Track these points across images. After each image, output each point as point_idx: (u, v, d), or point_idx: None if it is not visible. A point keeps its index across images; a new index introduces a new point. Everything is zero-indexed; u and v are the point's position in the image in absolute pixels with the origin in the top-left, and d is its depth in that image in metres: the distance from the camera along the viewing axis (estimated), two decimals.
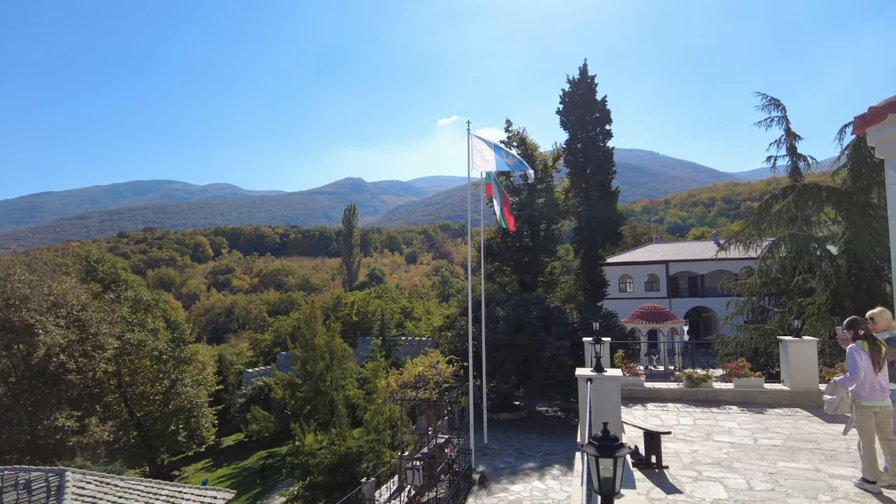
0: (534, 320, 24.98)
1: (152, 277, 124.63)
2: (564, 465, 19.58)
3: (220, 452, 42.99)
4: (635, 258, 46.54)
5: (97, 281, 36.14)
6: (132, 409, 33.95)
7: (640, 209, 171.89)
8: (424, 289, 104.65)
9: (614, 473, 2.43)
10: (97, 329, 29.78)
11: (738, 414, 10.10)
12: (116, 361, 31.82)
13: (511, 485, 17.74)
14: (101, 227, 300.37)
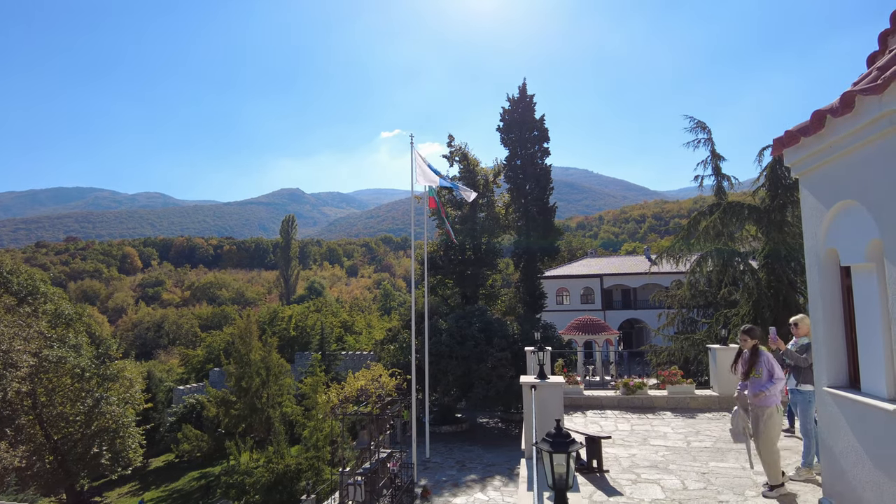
0: (476, 332, 25.26)
1: (75, 290, 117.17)
2: (505, 475, 19.81)
3: (149, 474, 40.65)
4: (572, 272, 48.00)
5: (11, 294, 33.61)
6: (48, 431, 31.57)
7: (576, 225, 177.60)
8: (366, 302, 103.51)
9: (567, 468, 2.54)
10: (9, 346, 27.60)
11: (672, 419, 10.59)
12: (31, 380, 29.56)
13: (453, 497, 17.75)
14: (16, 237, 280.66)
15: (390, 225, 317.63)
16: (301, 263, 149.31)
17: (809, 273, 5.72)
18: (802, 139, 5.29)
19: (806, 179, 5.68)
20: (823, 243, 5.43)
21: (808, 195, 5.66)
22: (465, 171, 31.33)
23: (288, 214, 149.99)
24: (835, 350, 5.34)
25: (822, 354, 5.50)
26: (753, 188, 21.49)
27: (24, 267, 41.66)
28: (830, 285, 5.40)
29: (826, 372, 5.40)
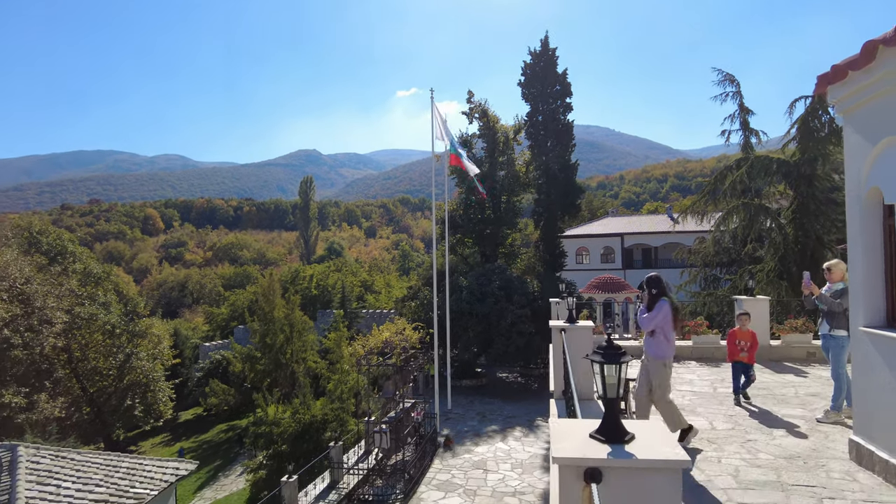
0: (495, 290, 25.38)
1: (100, 251, 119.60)
2: (525, 427, 20.22)
3: (179, 426, 42.28)
4: (592, 231, 47.65)
5: (42, 253, 34.53)
6: (84, 384, 32.88)
7: (596, 184, 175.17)
8: (384, 263, 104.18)
9: (618, 379, 2.60)
10: (43, 303, 28.55)
11: (698, 368, 10.67)
12: (66, 336, 30.66)
13: (475, 446, 18.22)
14: (41, 200, 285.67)
15: (407, 186, 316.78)
16: (320, 224, 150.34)
17: (850, 212, 5.61)
18: (850, 73, 5.11)
19: (851, 117, 5.51)
20: (866, 182, 5.31)
21: (851, 133, 5.51)
22: (484, 128, 30.88)
23: (306, 176, 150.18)
24: (873, 290, 5.29)
25: (859, 295, 5.45)
26: (781, 144, 20.95)
27: (53, 228, 42.66)
28: (872, 224, 5.31)
29: (863, 312, 5.36)
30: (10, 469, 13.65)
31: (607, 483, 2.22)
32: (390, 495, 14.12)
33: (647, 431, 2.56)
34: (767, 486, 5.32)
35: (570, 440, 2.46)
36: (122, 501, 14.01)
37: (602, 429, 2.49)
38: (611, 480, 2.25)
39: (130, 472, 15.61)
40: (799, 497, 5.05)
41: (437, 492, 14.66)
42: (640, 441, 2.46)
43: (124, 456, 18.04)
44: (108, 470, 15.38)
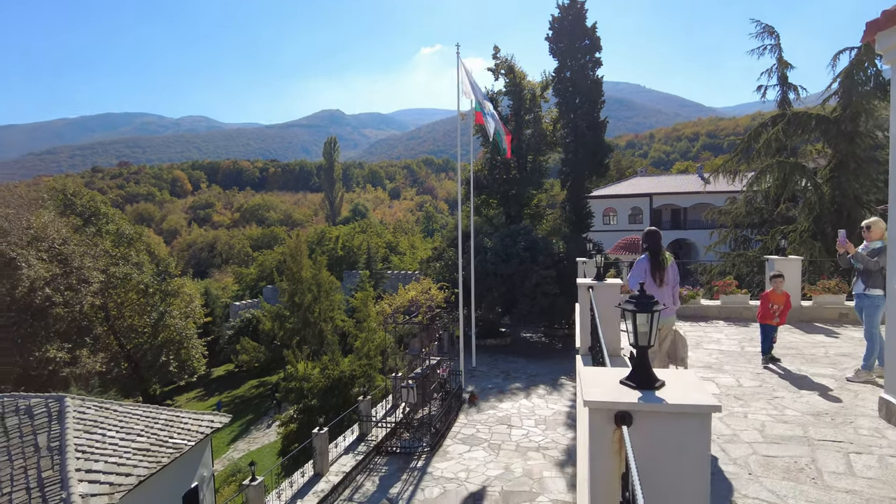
0: (520, 251, 25.35)
1: (131, 212, 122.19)
2: (549, 385, 20.46)
3: (212, 382, 43.91)
4: (620, 191, 46.89)
5: (76, 215, 35.46)
6: (121, 341, 34.19)
7: (625, 143, 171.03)
8: (409, 224, 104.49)
9: (650, 328, 2.62)
10: (80, 263, 29.51)
11: (725, 327, 10.62)
12: (103, 295, 31.73)
13: (499, 402, 18.55)
14: (73, 162, 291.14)
15: (431, 146, 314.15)
16: (344, 186, 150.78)
17: (894, 170, 5.41)
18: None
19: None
20: None
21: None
22: (510, 85, 30.25)
23: (330, 136, 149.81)
24: None
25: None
26: (821, 99, 20.07)
27: (86, 190, 43.63)
28: None
29: None
30: (60, 418, 14.42)
31: (637, 426, 2.27)
32: (417, 448, 14.56)
33: (676, 379, 2.59)
34: (793, 440, 5.35)
35: (601, 386, 2.50)
36: (162, 451, 14.74)
37: (633, 376, 2.53)
38: (641, 424, 2.29)
39: (169, 424, 16.35)
40: (825, 451, 5.07)
41: (462, 445, 15.06)
42: (669, 388, 2.50)
43: (162, 408, 18.88)
44: (148, 421, 16.13)
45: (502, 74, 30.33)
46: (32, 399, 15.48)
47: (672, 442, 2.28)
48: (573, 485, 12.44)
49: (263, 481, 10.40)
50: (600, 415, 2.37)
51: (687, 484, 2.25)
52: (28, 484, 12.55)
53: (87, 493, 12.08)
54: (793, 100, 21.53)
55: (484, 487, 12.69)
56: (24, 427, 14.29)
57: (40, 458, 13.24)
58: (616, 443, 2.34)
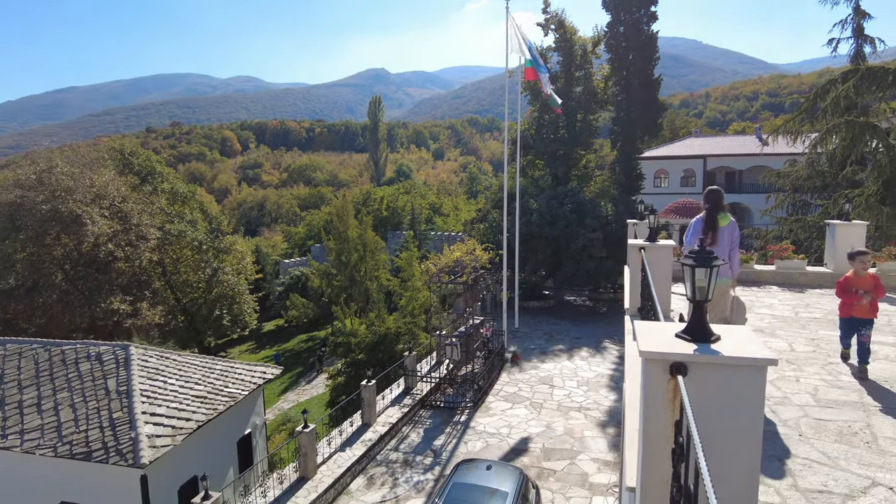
0: (567, 213, 25.00)
1: (183, 172, 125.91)
2: (592, 348, 20.47)
3: (263, 336, 45.79)
4: (672, 152, 45.28)
5: (134, 174, 36.89)
6: (178, 295, 35.87)
7: (679, 102, 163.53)
8: (452, 185, 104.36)
9: (708, 283, 2.62)
10: (139, 220, 30.84)
11: (779, 293, 10.32)
12: (160, 251, 33.16)
13: (541, 363, 18.72)
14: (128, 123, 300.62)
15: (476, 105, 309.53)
16: (388, 146, 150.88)
17: None
18: None
19: None
20: None
21: None
22: (560, 40, 29.26)
23: (374, 96, 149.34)
24: None
25: None
26: None
27: (142, 150, 45.24)
28: None
29: None
30: (126, 365, 15.42)
31: (693, 378, 2.29)
32: (460, 403, 14.94)
33: (732, 334, 2.59)
34: (848, 405, 5.24)
35: (657, 338, 2.53)
36: (218, 398, 15.61)
37: (689, 329, 2.54)
38: (696, 375, 2.32)
39: (224, 374, 17.26)
40: (881, 418, 4.96)
41: (504, 402, 15.36)
42: (725, 342, 2.50)
43: (217, 359, 19.89)
44: (205, 371, 17.06)
45: (552, 30, 29.34)
46: (101, 346, 16.59)
47: (727, 393, 2.30)
48: (615, 445, 12.57)
49: (315, 429, 10.92)
50: (655, 365, 2.40)
51: (740, 435, 2.28)
52: (101, 423, 13.58)
53: (153, 434, 12.99)
54: (868, 54, 20.15)
55: (525, 443, 12.97)
56: (95, 372, 15.37)
57: (111, 400, 14.26)
58: (670, 392, 2.38)
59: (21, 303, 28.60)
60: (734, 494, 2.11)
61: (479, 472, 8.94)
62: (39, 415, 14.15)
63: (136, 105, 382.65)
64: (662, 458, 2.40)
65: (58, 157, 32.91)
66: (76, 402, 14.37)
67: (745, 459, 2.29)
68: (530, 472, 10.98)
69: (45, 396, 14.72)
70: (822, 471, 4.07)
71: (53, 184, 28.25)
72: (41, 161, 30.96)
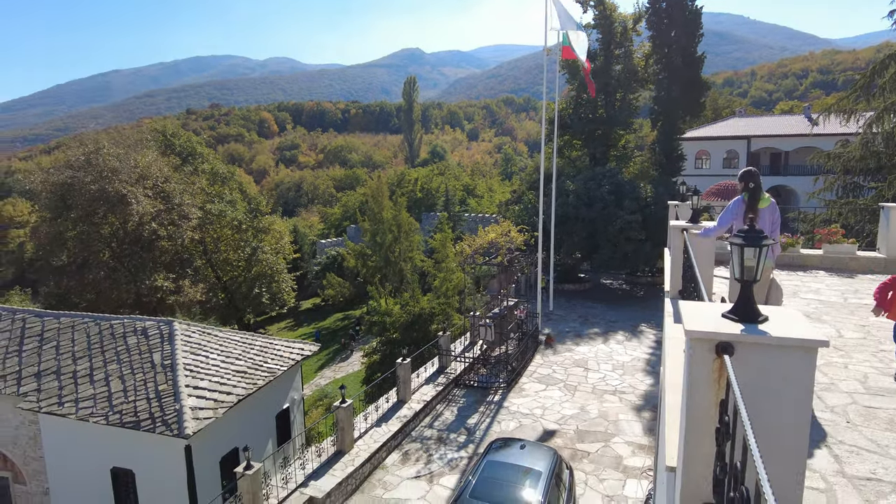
0: (605, 194, 24.59)
1: (222, 152, 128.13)
2: (628, 331, 20.24)
3: (300, 314, 46.81)
4: (715, 133, 43.88)
5: (175, 154, 37.81)
6: (218, 273, 36.88)
7: (723, 81, 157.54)
8: (486, 166, 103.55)
9: (757, 263, 2.55)
10: (181, 200, 31.69)
11: (827, 278, 9.96)
12: (201, 230, 34.07)
13: (576, 346, 18.63)
14: (169, 105, 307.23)
15: (512, 85, 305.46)
16: (423, 127, 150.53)
17: None
18: None
19: None
20: None
21: None
22: (600, 17, 28.49)
23: (409, 76, 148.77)
24: None
25: None
26: None
27: (183, 131, 46.27)
28: None
29: None
30: (170, 339, 16.01)
31: (740, 358, 2.25)
32: (494, 383, 15.03)
33: (780, 315, 2.53)
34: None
35: (702, 318, 2.49)
36: (258, 373, 16.08)
37: (736, 309, 2.49)
38: (743, 356, 2.27)
39: (263, 350, 17.74)
40: None
41: (538, 384, 15.39)
42: (773, 322, 2.44)
43: (257, 336, 20.45)
44: (245, 346, 17.58)
45: (591, 6, 28.57)
46: (147, 322, 17.25)
47: (774, 375, 2.25)
48: (650, 429, 12.47)
49: (352, 404, 11.17)
50: (701, 345, 2.36)
51: (788, 417, 2.23)
52: (148, 395, 14.17)
53: (196, 406, 13.49)
54: None
55: (559, 425, 12.99)
56: (141, 346, 16.02)
57: (156, 373, 14.86)
58: (715, 371, 2.34)
59: (73, 279, 29.89)
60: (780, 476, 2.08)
61: (513, 451, 9.00)
62: (92, 385, 14.86)
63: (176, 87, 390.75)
64: (705, 437, 2.38)
65: (104, 138, 34.03)
66: (125, 373, 15.02)
67: (792, 442, 2.25)
68: (563, 453, 11.00)
69: (97, 368, 15.43)
70: (870, 458, 3.96)
71: (100, 164, 29.23)
72: (89, 143, 32.05)
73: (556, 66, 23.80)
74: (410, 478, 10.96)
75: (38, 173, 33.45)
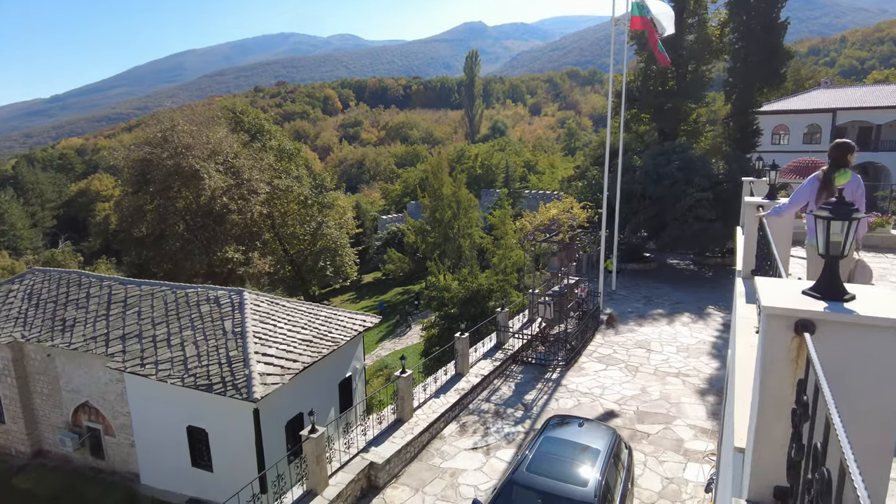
0: (673, 171, 23.64)
1: (288, 129, 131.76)
2: (694, 313, 19.59)
3: (362, 287, 48.01)
4: (795, 106, 41.05)
5: (244, 131, 39.16)
6: (285, 246, 38.24)
7: (807, 49, 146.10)
8: (548, 142, 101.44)
9: (845, 238, 2.40)
10: (250, 175, 32.88)
11: None
12: (269, 204, 35.32)
13: (639, 327, 18.20)
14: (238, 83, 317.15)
15: (577, 57, 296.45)
16: (484, 102, 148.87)
17: None
18: None
19: None
20: None
21: None
22: None
23: (471, 50, 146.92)
24: None
25: None
26: None
27: (252, 108, 47.79)
28: None
29: None
30: (241, 308, 16.83)
31: (821, 338, 2.13)
32: (552, 361, 14.95)
33: (868, 294, 2.37)
34: None
35: (780, 295, 2.36)
36: (323, 343, 16.68)
37: (819, 286, 2.34)
38: (825, 335, 2.15)
39: (328, 320, 18.36)
40: None
41: (597, 364, 15.18)
42: (860, 301, 2.29)
43: (322, 307, 21.16)
44: (310, 317, 18.23)
45: None
46: (219, 291, 18.17)
47: (860, 355, 2.12)
48: (714, 413, 12.11)
49: (412, 374, 11.41)
50: (779, 322, 2.25)
51: (874, 399, 2.10)
52: (220, 360, 15.00)
53: (264, 372, 14.17)
54: None
55: (619, 405, 12.81)
56: (213, 313, 16.91)
57: (227, 339, 15.68)
58: (793, 350, 2.23)
59: (151, 250, 31.81)
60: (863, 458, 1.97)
61: (571, 428, 8.97)
62: (169, 349, 15.88)
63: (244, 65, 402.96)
64: (780, 417, 2.28)
65: (178, 116, 35.64)
66: (198, 339, 15.94)
67: (876, 425, 2.12)
68: (623, 433, 10.87)
69: (173, 333, 16.46)
70: None
71: (175, 141, 30.69)
72: (165, 121, 33.70)
73: (624, 37, 22.86)
74: (467, 449, 11.14)
75: (120, 150, 35.64)
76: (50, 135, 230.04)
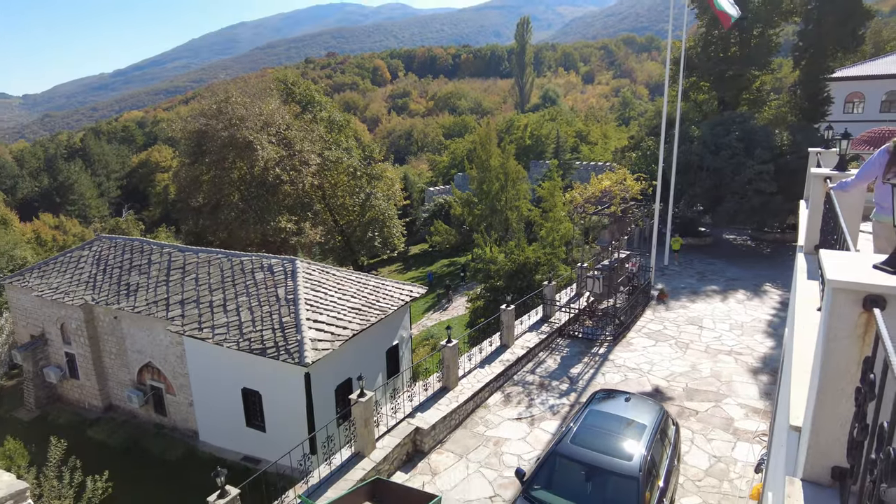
0: (733, 141, 22.60)
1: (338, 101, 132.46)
2: (750, 290, 18.96)
3: (409, 258, 48.50)
4: (873, 71, 38.20)
5: (295, 103, 39.63)
6: (335, 217, 38.87)
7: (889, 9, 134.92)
8: (602, 111, 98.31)
9: None
10: (301, 147, 33.40)
11: None
12: (319, 175, 35.85)
13: (691, 303, 17.75)
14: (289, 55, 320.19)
15: (633, 23, 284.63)
16: (535, 70, 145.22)
17: None
18: None
19: None
20: None
21: None
22: None
23: (522, 17, 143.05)
24: None
25: None
26: None
27: (303, 80, 48.24)
28: None
29: None
30: (293, 276, 17.33)
31: (892, 313, 2.01)
32: (599, 335, 14.79)
33: None
34: None
35: (848, 269, 2.23)
36: (371, 311, 17.04)
37: (891, 260, 2.21)
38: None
39: (376, 290, 18.70)
40: None
41: (646, 340, 14.93)
42: None
43: (371, 276, 21.55)
44: (359, 286, 18.62)
45: None
46: (272, 259, 18.75)
47: None
48: (767, 393, 11.77)
49: (457, 344, 11.53)
50: (845, 297, 2.13)
51: None
52: (273, 325, 15.55)
53: (315, 338, 14.62)
54: None
55: (667, 381, 12.60)
56: (267, 281, 17.49)
57: (280, 306, 16.22)
58: (861, 326, 2.11)
59: (207, 219, 32.96)
60: None
61: (618, 402, 8.90)
62: (225, 314, 16.57)
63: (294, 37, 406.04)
64: (842, 396, 2.18)
65: (232, 88, 36.37)
66: (252, 305, 16.55)
67: None
68: (670, 409, 10.71)
69: (229, 299, 17.14)
70: None
71: (230, 113, 31.42)
72: (219, 92, 34.48)
73: (683, 1, 21.75)
74: (512, 419, 11.24)
75: (177, 122, 36.77)
76: (113, 108, 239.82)
